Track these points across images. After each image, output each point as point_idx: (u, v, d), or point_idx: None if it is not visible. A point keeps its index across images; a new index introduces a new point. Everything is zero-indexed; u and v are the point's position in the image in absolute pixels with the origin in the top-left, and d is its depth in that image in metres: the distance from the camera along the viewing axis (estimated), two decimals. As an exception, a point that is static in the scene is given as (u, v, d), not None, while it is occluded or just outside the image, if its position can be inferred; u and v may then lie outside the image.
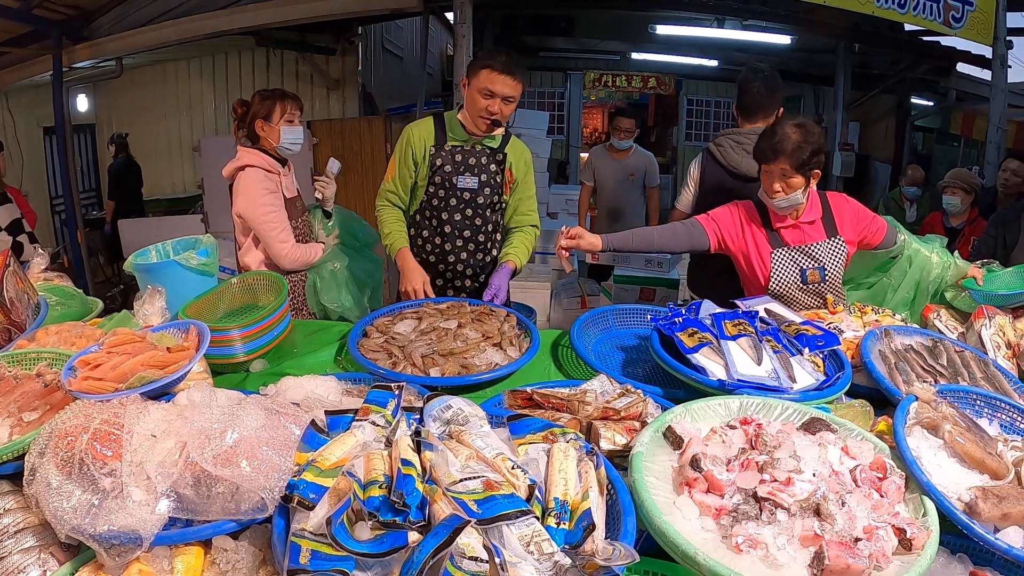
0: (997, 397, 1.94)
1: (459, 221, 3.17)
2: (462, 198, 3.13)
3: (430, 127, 3.13)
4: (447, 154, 3.08)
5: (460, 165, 3.09)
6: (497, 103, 2.94)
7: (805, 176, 2.58)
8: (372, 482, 1.24)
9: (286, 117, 3.09)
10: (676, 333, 2.13)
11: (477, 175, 3.11)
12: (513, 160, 3.18)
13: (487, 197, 3.15)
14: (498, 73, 2.90)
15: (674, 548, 1.25)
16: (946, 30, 6.65)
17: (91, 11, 6.96)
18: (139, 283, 2.55)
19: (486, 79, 2.91)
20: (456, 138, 3.11)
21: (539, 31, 11.91)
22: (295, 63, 9.28)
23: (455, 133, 3.11)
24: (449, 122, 3.12)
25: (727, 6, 8.86)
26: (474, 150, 3.11)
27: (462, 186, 3.11)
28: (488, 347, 2.40)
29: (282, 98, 3.11)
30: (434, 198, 3.15)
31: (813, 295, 2.76)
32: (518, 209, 3.28)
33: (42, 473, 1.35)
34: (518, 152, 3.21)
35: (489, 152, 3.12)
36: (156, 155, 9.35)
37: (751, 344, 2.09)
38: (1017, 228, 4.31)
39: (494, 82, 2.90)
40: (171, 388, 1.74)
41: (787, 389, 1.94)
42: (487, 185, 3.13)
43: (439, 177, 3.10)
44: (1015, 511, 1.44)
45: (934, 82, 9.89)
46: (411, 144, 3.11)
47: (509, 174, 3.19)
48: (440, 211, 3.17)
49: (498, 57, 2.93)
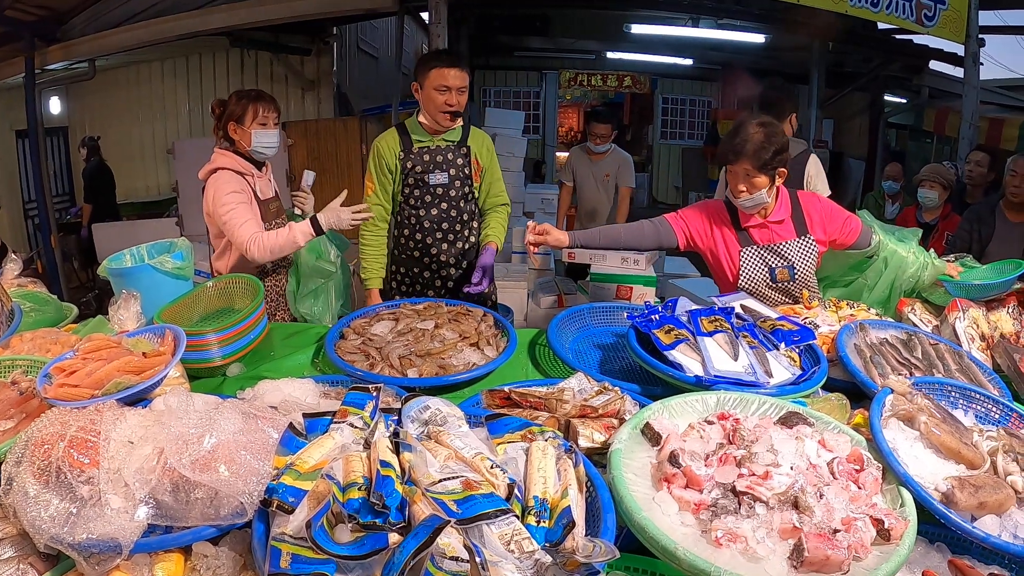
0: (972, 388, 1.97)
1: (435, 216, 3.34)
2: (436, 193, 3.31)
3: (395, 136, 3.30)
4: (416, 155, 3.27)
5: (429, 163, 3.27)
6: (453, 95, 3.15)
7: (769, 176, 2.59)
8: (351, 484, 1.24)
9: (258, 120, 3.04)
10: (653, 330, 2.14)
11: (446, 170, 3.30)
12: (476, 149, 3.38)
13: (459, 189, 3.34)
14: (447, 68, 3.13)
15: (654, 543, 1.26)
16: (919, 28, 6.73)
17: (63, 12, 6.88)
18: (114, 288, 2.52)
19: (438, 76, 3.12)
20: (420, 140, 3.29)
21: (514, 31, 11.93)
22: (270, 64, 9.24)
23: (419, 135, 3.29)
24: (411, 127, 3.31)
25: (702, 5, 8.92)
26: (439, 148, 3.29)
27: (434, 182, 3.29)
28: (465, 347, 2.40)
29: (256, 100, 3.06)
30: (410, 198, 3.33)
31: (783, 293, 2.78)
32: (489, 192, 3.48)
33: (19, 482, 1.33)
34: (479, 141, 3.41)
35: (454, 147, 3.32)
36: (130, 158, 9.26)
37: (727, 340, 2.11)
38: (992, 223, 4.37)
39: (446, 77, 3.12)
40: (148, 394, 1.72)
41: (764, 384, 1.96)
42: (457, 178, 3.32)
43: (412, 178, 3.28)
44: (991, 500, 1.46)
45: (907, 80, 10.01)
46: (382, 155, 3.28)
47: (476, 163, 3.38)
48: (417, 208, 3.34)
49: (441, 55, 3.24)
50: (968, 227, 4.45)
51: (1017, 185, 4.31)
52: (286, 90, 9.35)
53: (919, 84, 9.81)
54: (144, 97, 9.27)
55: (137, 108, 9.28)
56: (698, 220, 2.82)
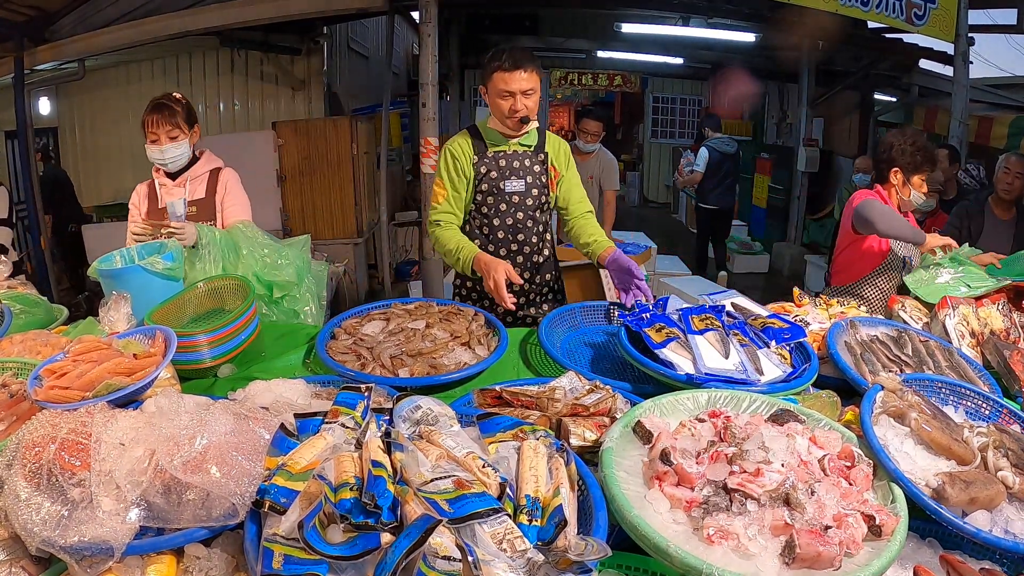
0: (962, 385, 1.98)
1: (511, 226, 3.14)
2: (511, 202, 3.11)
3: (467, 138, 3.11)
4: (491, 160, 3.08)
5: (505, 169, 3.08)
6: (518, 99, 2.93)
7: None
8: (343, 484, 1.24)
9: (149, 137, 3.01)
10: (644, 329, 2.15)
11: (523, 177, 3.10)
12: (553, 155, 3.18)
13: (535, 199, 3.14)
14: (508, 71, 2.90)
15: (646, 541, 1.26)
16: (909, 27, 6.76)
17: (53, 12, 6.83)
18: (104, 289, 2.51)
19: (500, 80, 2.92)
20: (494, 144, 3.10)
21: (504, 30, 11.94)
22: (260, 63, 9.20)
23: (492, 139, 3.10)
24: (484, 131, 3.12)
25: (692, 5, 8.94)
26: (516, 153, 3.11)
27: (510, 190, 3.09)
28: (456, 346, 2.40)
29: (150, 112, 3.01)
30: (483, 205, 3.13)
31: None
32: (571, 199, 3.22)
33: (10, 485, 1.32)
34: (556, 146, 3.21)
35: (531, 152, 3.13)
36: (120, 158, 9.19)
37: (718, 338, 2.12)
38: (980, 219, 4.41)
39: (508, 81, 2.91)
40: (138, 395, 1.72)
41: (755, 382, 1.97)
42: (534, 186, 3.12)
43: (486, 184, 3.09)
44: (982, 495, 1.47)
45: (897, 78, 10.05)
46: (455, 157, 3.08)
47: (553, 170, 3.18)
48: (491, 218, 3.14)
49: (503, 56, 2.93)
50: (957, 223, 4.48)
51: (1009, 183, 4.35)
52: (276, 90, 9.32)
53: (909, 83, 9.86)
54: (134, 97, 9.18)
55: (127, 108, 9.21)
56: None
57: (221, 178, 3.20)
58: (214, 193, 3.17)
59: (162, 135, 3.00)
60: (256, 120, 9.30)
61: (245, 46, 8.68)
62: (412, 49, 13.72)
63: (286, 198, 7.87)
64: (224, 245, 2.92)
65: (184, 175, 3.14)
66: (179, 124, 3.03)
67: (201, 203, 3.13)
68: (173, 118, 3.01)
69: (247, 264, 2.95)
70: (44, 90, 8.61)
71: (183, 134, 3.05)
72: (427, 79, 6.05)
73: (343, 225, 7.99)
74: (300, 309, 3.07)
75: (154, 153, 3.02)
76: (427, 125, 6.10)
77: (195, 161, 3.18)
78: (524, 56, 2.93)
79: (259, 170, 7.33)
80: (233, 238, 2.98)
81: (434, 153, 6.15)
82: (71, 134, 9.29)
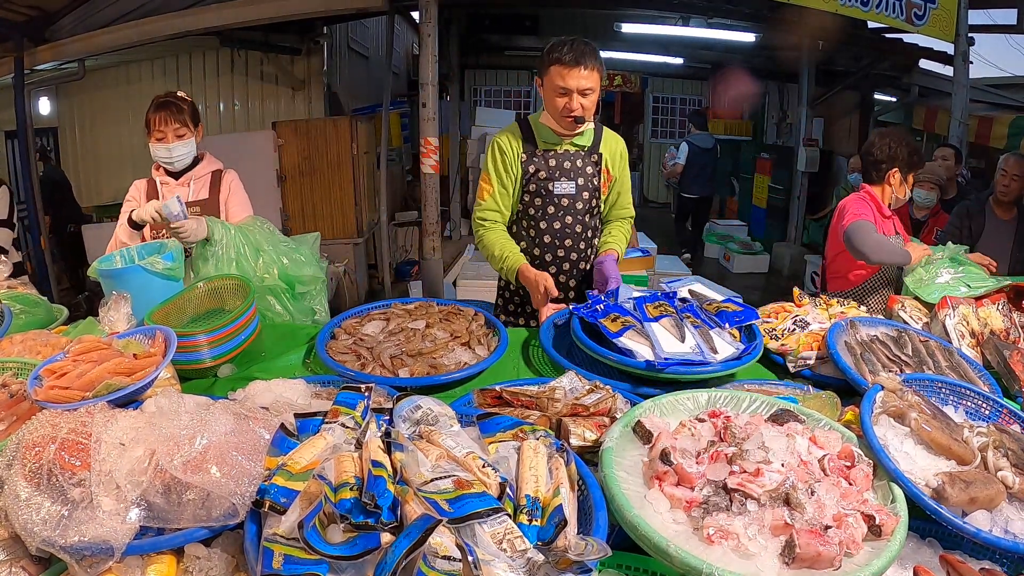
0: (962, 385, 1.98)
1: (559, 230, 2.96)
2: (560, 205, 2.93)
3: (517, 132, 2.94)
4: (540, 159, 2.90)
5: (555, 170, 2.90)
6: (575, 99, 2.73)
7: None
8: (343, 484, 1.24)
9: (154, 135, 3.00)
10: (599, 320, 2.20)
11: (574, 179, 2.91)
12: (608, 157, 2.98)
13: (586, 202, 2.96)
14: (568, 67, 2.68)
15: (646, 541, 1.26)
16: (908, 27, 6.76)
17: (52, 12, 6.83)
18: (104, 289, 2.50)
19: (557, 75, 2.71)
20: (546, 141, 2.92)
21: (504, 30, 11.96)
22: (260, 63, 9.21)
23: (544, 136, 2.92)
24: (536, 126, 2.93)
25: (692, 5, 8.94)
26: (567, 153, 2.92)
27: (559, 192, 2.91)
28: (456, 346, 2.40)
29: (155, 110, 3.00)
30: (530, 207, 2.97)
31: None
32: (616, 203, 3.09)
33: (10, 485, 1.32)
34: (612, 147, 3.00)
35: (584, 153, 2.94)
36: (120, 158, 9.21)
37: (674, 323, 2.17)
38: (981, 219, 4.42)
39: (566, 77, 2.70)
40: (138, 395, 1.72)
41: (712, 362, 2.03)
42: (584, 189, 2.94)
43: (534, 184, 2.92)
44: (982, 495, 1.47)
45: (897, 78, 10.06)
46: (503, 151, 2.92)
47: (607, 172, 2.99)
48: (538, 220, 2.97)
49: (564, 49, 2.70)
50: (958, 223, 4.49)
51: (1007, 184, 4.36)
52: (276, 90, 9.34)
53: (909, 83, 9.86)
54: (134, 97, 9.20)
55: (127, 108, 9.22)
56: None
57: (225, 179, 3.20)
58: (218, 193, 3.17)
59: (169, 133, 2.99)
60: (256, 120, 9.32)
61: (245, 46, 8.69)
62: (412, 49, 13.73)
63: (286, 198, 7.87)
64: (240, 241, 2.90)
65: (188, 175, 3.13)
66: (186, 122, 3.03)
67: (205, 203, 3.12)
68: (180, 116, 3.01)
69: (269, 259, 2.94)
70: (44, 90, 8.63)
71: (189, 132, 3.05)
72: (427, 79, 6.05)
73: (343, 225, 7.98)
74: (315, 307, 3.08)
75: (160, 151, 3.01)
76: (427, 125, 6.10)
77: (198, 161, 3.17)
78: (587, 51, 2.70)
79: (259, 170, 7.34)
80: (251, 234, 2.95)
81: (434, 153, 6.16)
82: (71, 134, 9.31)
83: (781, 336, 2.38)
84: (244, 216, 3.16)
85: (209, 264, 2.79)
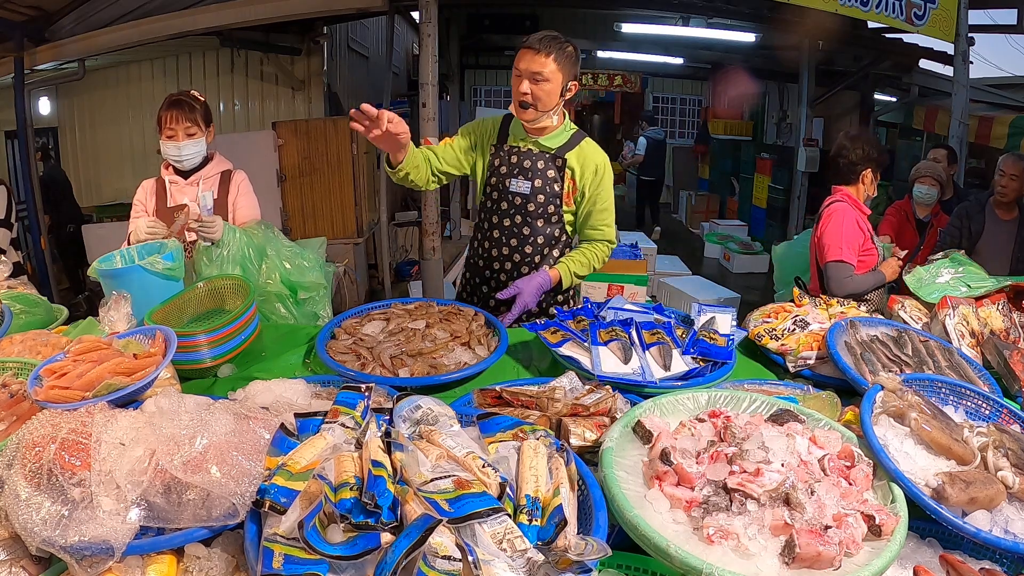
0: (962, 385, 1.98)
1: (507, 228, 2.94)
2: (512, 203, 2.90)
3: (498, 123, 2.97)
4: (505, 154, 2.91)
5: (514, 167, 2.88)
6: (524, 82, 2.69)
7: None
8: (343, 484, 1.24)
9: (165, 132, 3.00)
10: (539, 332, 2.27)
11: (530, 179, 2.85)
12: (576, 166, 2.86)
13: (539, 205, 2.88)
14: (526, 49, 2.67)
15: (646, 541, 1.26)
16: (908, 27, 6.76)
17: (53, 12, 6.83)
18: (104, 289, 2.50)
19: (518, 57, 2.71)
20: (516, 137, 2.91)
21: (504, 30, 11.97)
22: (260, 63, 9.22)
23: (515, 132, 2.91)
24: (512, 122, 2.93)
25: (692, 4, 8.96)
26: (530, 152, 2.87)
27: (513, 189, 2.88)
28: (457, 346, 2.40)
29: (167, 108, 2.99)
30: (488, 199, 2.98)
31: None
32: (588, 222, 2.93)
33: (11, 485, 1.32)
34: (586, 157, 2.87)
35: (548, 155, 2.87)
36: (120, 158, 9.22)
37: (621, 347, 2.16)
38: (981, 219, 4.42)
39: (521, 59, 2.68)
40: (139, 395, 1.71)
41: (652, 382, 2.04)
42: (540, 192, 2.86)
43: (495, 178, 2.93)
44: (982, 495, 1.47)
45: (897, 78, 10.08)
46: (478, 128, 2.98)
47: (572, 182, 2.87)
48: (491, 215, 2.98)
49: (535, 37, 2.69)
50: (958, 224, 4.49)
51: (1005, 185, 4.36)
52: (276, 90, 9.34)
53: (909, 83, 9.88)
54: (134, 97, 9.22)
55: (127, 108, 9.24)
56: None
57: (234, 180, 3.20)
58: (227, 194, 3.17)
59: (180, 131, 2.99)
60: (256, 120, 9.32)
61: (245, 46, 8.69)
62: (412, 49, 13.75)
63: (286, 198, 7.86)
64: (245, 244, 2.88)
65: (197, 174, 3.12)
66: (197, 121, 3.03)
67: (214, 203, 3.13)
68: (192, 115, 3.01)
69: (272, 264, 2.93)
70: (44, 90, 8.63)
71: (200, 131, 3.05)
72: (427, 79, 6.05)
73: (343, 225, 7.98)
74: (320, 312, 3.07)
75: (170, 149, 3.01)
76: (427, 125, 6.10)
77: (207, 161, 3.16)
78: (549, 39, 2.67)
79: (259, 170, 7.32)
80: (256, 238, 2.94)
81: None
82: (71, 134, 9.31)
83: (781, 336, 2.38)
84: (251, 217, 3.16)
85: (212, 267, 2.79)
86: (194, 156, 3.06)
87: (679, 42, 12.52)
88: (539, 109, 2.74)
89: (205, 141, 3.09)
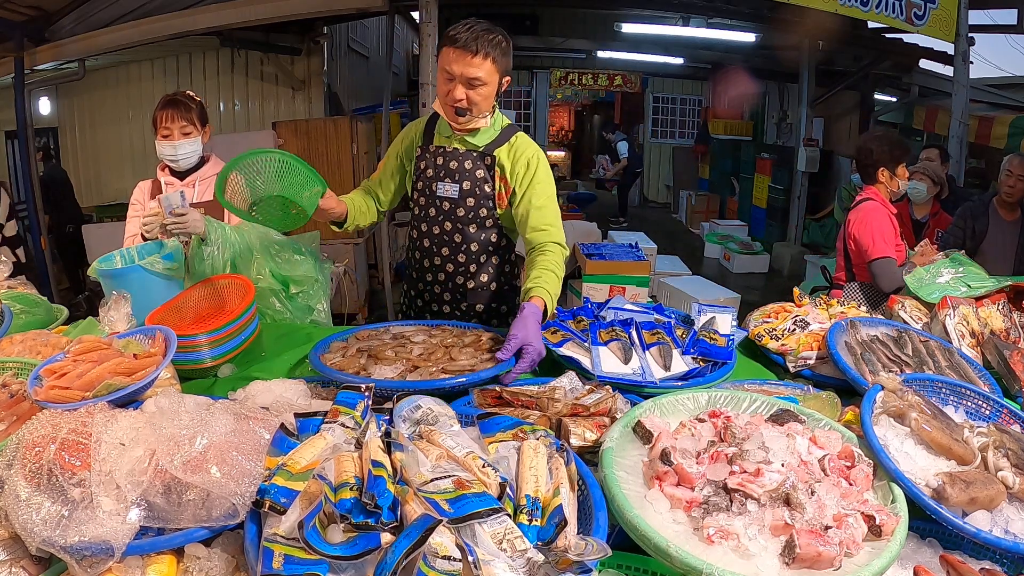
0: (962, 385, 1.98)
1: (437, 236, 2.70)
2: (441, 208, 2.66)
3: (423, 124, 2.74)
4: (431, 156, 2.67)
5: (440, 169, 2.64)
6: (458, 87, 2.42)
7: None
8: (343, 484, 1.24)
9: (160, 132, 2.98)
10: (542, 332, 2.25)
11: (458, 182, 2.61)
12: (506, 163, 2.60)
13: (470, 209, 2.64)
14: (458, 50, 2.37)
15: (646, 541, 1.26)
16: (909, 27, 6.76)
17: (53, 12, 6.83)
18: (104, 289, 2.50)
19: (445, 57, 2.41)
20: (442, 135, 2.67)
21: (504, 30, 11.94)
22: (260, 63, 9.22)
23: (441, 130, 2.67)
24: (440, 120, 2.67)
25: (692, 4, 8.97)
26: (456, 152, 2.63)
27: (441, 194, 2.64)
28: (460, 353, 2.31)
29: (162, 108, 2.97)
30: (416, 207, 2.75)
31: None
32: (529, 223, 2.54)
33: (11, 485, 1.32)
34: (516, 153, 2.61)
35: (476, 155, 2.62)
36: (120, 158, 9.23)
37: (621, 347, 2.18)
38: (985, 219, 4.41)
39: (453, 62, 2.39)
40: (139, 395, 1.71)
41: (653, 382, 2.06)
42: (470, 194, 2.62)
43: (421, 182, 2.69)
44: (982, 495, 1.47)
45: (897, 78, 10.09)
46: (404, 138, 2.76)
47: (503, 182, 2.62)
48: (420, 222, 2.75)
49: (461, 30, 2.39)
50: (962, 224, 4.49)
51: (1012, 185, 4.36)
52: (276, 90, 9.35)
53: (909, 83, 9.88)
54: (134, 97, 9.22)
55: (127, 108, 9.24)
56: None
57: None
58: None
59: (175, 131, 2.97)
60: (256, 120, 9.32)
61: (245, 46, 8.69)
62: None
63: (286, 198, 7.81)
64: (235, 240, 2.84)
65: (193, 175, 3.10)
66: (193, 121, 3.01)
67: (211, 204, 3.10)
68: (188, 114, 2.99)
69: (261, 259, 2.90)
70: (44, 90, 8.64)
71: (196, 131, 3.03)
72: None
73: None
74: (314, 305, 3.04)
75: (165, 149, 2.99)
76: (427, 125, 6.08)
77: (204, 163, 3.15)
78: (486, 39, 2.39)
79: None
80: (246, 234, 2.90)
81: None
82: (71, 134, 9.33)
83: (781, 336, 2.38)
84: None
85: (205, 264, 2.78)
86: (190, 156, 3.05)
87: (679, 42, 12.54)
88: (475, 114, 2.51)
89: (201, 141, 3.08)
